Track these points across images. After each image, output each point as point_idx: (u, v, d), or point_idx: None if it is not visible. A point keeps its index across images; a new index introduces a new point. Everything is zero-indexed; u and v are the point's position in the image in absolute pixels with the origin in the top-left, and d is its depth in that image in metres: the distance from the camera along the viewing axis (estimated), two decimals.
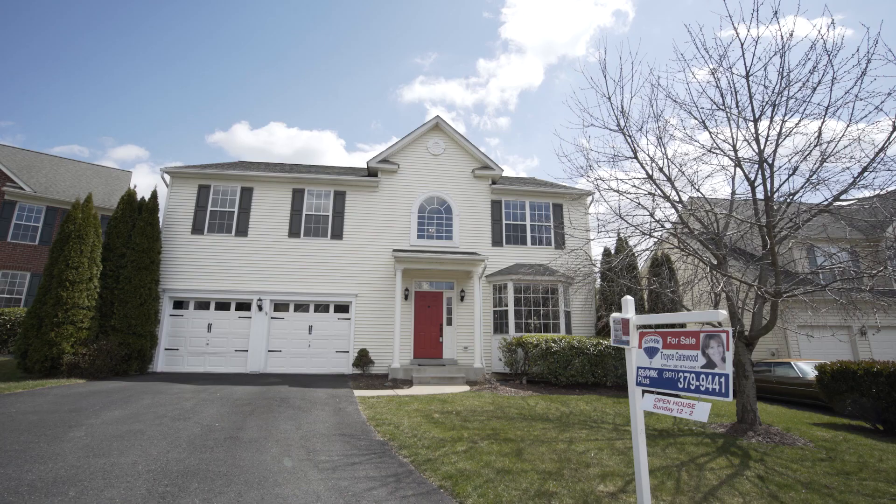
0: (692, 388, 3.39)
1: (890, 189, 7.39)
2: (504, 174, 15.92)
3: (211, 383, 10.44)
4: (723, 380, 3.18)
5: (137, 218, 12.91)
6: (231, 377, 11.85)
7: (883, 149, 6.84)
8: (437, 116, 15.38)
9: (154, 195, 13.17)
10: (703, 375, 3.32)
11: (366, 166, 15.15)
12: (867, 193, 10.32)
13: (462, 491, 4.37)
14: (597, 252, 14.93)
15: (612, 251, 13.74)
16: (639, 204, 9.11)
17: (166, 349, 12.94)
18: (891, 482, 5.34)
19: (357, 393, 9.88)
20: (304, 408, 7.98)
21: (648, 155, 8.71)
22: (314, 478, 4.59)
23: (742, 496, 4.64)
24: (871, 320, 13.96)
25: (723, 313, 3.64)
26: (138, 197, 13.24)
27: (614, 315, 4.40)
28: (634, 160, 8.91)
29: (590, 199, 15.61)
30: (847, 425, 9.06)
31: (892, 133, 6.69)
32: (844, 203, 7.84)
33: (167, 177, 13.96)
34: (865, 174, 6.82)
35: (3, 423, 6.04)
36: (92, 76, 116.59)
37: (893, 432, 8.65)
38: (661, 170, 8.74)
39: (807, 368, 12.07)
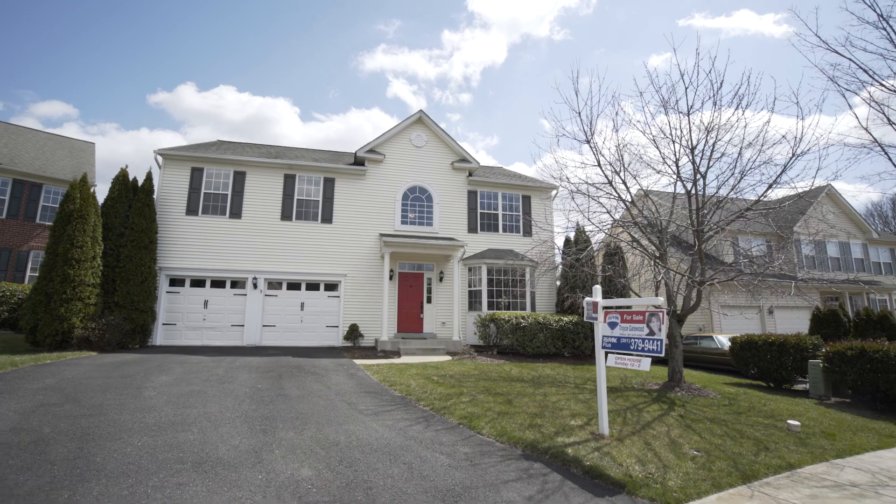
0: (640, 348, 5.20)
1: (803, 185, 9.63)
2: (470, 156, 17.40)
3: (220, 355, 11.51)
4: (659, 342, 4.99)
5: (133, 198, 13.39)
6: (231, 349, 12.88)
7: (784, 171, 9.02)
8: (421, 111, 16.55)
9: (149, 176, 13.64)
10: (646, 340, 5.12)
11: (353, 154, 16.14)
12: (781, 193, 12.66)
13: (476, 425, 6.05)
14: (559, 242, 16.88)
15: (573, 239, 15.75)
16: (599, 202, 10.98)
17: (164, 324, 13.70)
18: (766, 417, 7.58)
19: (357, 362, 11.32)
20: (320, 373, 9.37)
21: (609, 162, 10.52)
22: (364, 419, 6.11)
23: (667, 426, 6.63)
24: (772, 301, 16.97)
25: (661, 300, 5.45)
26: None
27: (587, 299, 6.16)
28: (598, 167, 10.70)
29: (554, 192, 17.49)
30: (749, 384, 11.59)
31: (790, 160, 8.85)
32: (766, 203, 10.08)
33: (160, 158, 14.37)
34: (768, 192, 8.99)
35: (76, 386, 7.04)
36: (6, 19, 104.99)
37: (780, 388, 11.28)
38: (617, 173, 10.60)
39: (724, 341, 14.72)
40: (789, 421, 7.10)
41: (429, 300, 15.81)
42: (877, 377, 8.95)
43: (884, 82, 6.64)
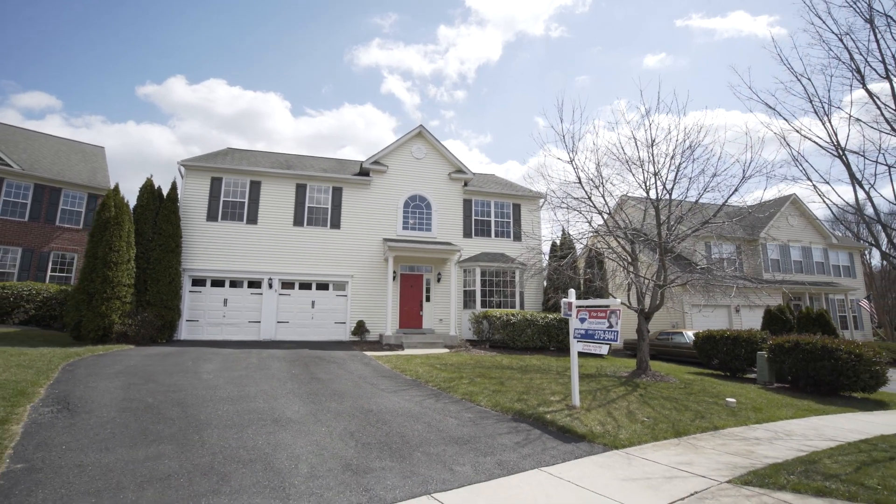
0: (601, 338, 6.82)
1: (753, 200, 11.38)
2: (465, 168, 18.97)
3: (243, 348, 12.94)
4: (615, 333, 6.62)
5: (160, 206, 14.73)
6: (250, 343, 14.30)
7: (735, 192, 10.75)
8: (421, 125, 18.08)
9: (174, 186, 14.99)
10: (607, 331, 6.75)
11: (359, 164, 17.61)
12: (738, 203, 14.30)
13: (476, 399, 7.64)
14: (546, 247, 18.53)
15: (559, 244, 17.41)
16: (579, 212, 12.61)
17: (188, 321, 15.07)
18: (712, 397, 9.27)
19: (367, 353, 12.84)
20: (339, 362, 10.88)
21: (591, 179, 12.15)
22: (387, 395, 7.65)
23: (628, 402, 8.28)
24: (736, 301, 18.84)
25: (618, 300, 7.09)
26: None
27: (564, 299, 7.77)
28: (579, 184, 12.32)
29: (541, 200, 19.13)
30: (710, 373, 13.33)
31: (741, 181, 10.58)
32: (723, 215, 11.81)
33: (182, 168, 15.71)
34: (720, 211, 10.71)
35: (144, 371, 8.48)
36: None
37: (735, 376, 13.05)
38: (596, 187, 12.25)
39: (693, 336, 16.50)
40: (727, 398, 8.80)
41: (427, 299, 17.36)
42: (807, 365, 10.74)
43: (804, 133, 8.33)
